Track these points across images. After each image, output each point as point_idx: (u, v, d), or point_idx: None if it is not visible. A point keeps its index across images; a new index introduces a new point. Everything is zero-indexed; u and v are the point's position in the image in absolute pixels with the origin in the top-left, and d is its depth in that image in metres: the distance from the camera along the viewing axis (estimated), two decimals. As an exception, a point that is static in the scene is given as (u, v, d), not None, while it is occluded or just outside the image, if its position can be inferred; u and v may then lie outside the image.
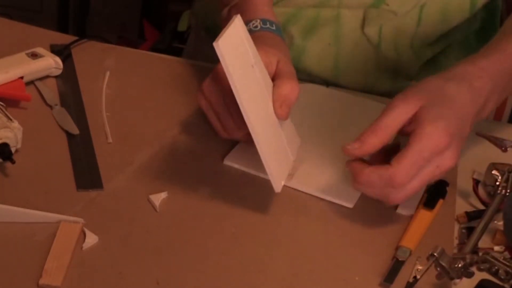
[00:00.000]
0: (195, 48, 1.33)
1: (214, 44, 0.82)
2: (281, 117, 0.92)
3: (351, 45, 1.16)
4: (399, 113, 0.87)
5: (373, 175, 0.86)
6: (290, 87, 0.92)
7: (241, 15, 0.95)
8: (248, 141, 0.90)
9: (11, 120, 0.92)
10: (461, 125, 0.88)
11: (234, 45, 0.87)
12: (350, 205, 0.92)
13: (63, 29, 2.28)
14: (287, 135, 0.94)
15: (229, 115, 0.94)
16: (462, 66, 0.93)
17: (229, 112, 0.94)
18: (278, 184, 0.89)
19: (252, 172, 0.94)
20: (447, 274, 0.79)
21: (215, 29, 1.25)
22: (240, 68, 0.86)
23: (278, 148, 0.92)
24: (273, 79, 0.94)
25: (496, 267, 0.79)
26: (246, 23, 0.98)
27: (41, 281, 0.77)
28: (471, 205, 0.94)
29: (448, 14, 1.15)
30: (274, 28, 1.01)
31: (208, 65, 1.15)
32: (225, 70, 0.84)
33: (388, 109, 0.88)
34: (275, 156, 0.90)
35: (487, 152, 1.01)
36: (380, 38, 1.15)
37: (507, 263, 0.79)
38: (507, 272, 0.78)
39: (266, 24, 1.00)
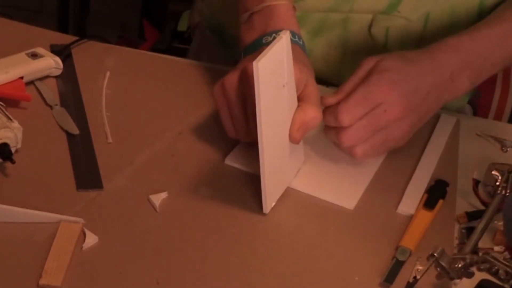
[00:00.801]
0: (200, 47, 1.33)
1: (254, 63, 0.80)
2: (294, 141, 0.91)
3: (358, 47, 1.16)
4: (362, 70, 0.96)
5: (327, 114, 0.94)
6: (314, 115, 0.91)
7: (266, 23, 0.94)
8: (252, 142, 0.89)
9: (11, 120, 0.92)
10: (414, 86, 0.94)
11: (272, 66, 0.84)
12: (350, 207, 0.92)
13: (63, 29, 2.28)
14: (293, 156, 0.93)
15: (244, 119, 0.92)
16: (432, 44, 1.00)
17: (245, 115, 0.92)
18: (268, 206, 0.88)
19: (253, 172, 0.94)
20: (447, 274, 0.79)
21: (220, 29, 1.25)
22: (271, 88, 0.84)
23: (280, 171, 0.91)
24: (299, 98, 0.92)
25: (496, 267, 0.79)
26: (273, 32, 0.97)
27: (41, 281, 0.77)
28: (471, 205, 0.94)
29: (455, 17, 1.15)
30: (301, 43, 1.00)
31: (209, 65, 1.15)
32: (256, 90, 0.81)
33: (354, 71, 0.97)
34: (275, 179, 0.89)
35: (487, 152, 1.01)
36: (387, 38, 1.14)
37: (507, 263, 0.79)
38: (507, 272, 0.78)
39: (295, 37, 0.98)
